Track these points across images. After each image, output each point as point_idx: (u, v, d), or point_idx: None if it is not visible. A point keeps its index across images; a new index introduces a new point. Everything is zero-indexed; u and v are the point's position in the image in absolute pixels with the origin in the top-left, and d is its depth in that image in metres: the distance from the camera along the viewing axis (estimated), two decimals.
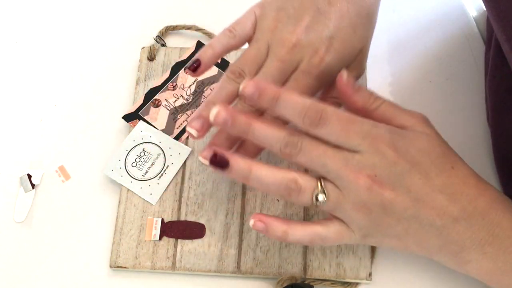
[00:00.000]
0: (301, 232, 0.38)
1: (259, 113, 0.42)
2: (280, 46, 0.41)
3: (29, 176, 0.50)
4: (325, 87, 0.44)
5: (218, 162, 0.37)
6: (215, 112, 0.36)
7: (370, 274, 0.44)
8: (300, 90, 0.41)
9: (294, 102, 0.36)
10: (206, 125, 0.40)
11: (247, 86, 0.36)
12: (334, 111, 0.36)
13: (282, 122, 0.40)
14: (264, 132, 0.36)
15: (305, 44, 0.41)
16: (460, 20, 0.56)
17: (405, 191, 0.36)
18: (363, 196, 0.36)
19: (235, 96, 0.42)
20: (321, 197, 0.36)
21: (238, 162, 0.37)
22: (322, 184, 0.36)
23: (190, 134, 0.40)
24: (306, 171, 0.38)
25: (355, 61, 0.44)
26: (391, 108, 0.39)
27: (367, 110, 0.39)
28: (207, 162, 0.37)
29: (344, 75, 0.39)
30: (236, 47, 0.43)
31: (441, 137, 0.39)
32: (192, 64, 0.42)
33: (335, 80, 0.40)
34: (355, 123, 0.36)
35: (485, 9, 0.56)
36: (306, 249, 0.45)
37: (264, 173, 0.36)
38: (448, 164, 0.37)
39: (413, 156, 0.36)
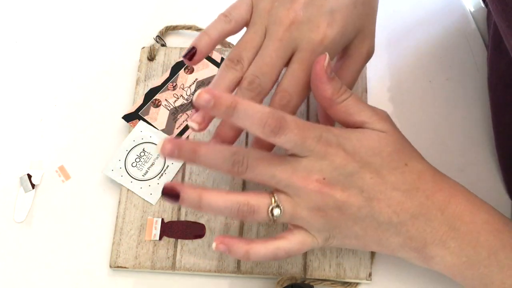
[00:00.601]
0: (263, 250, 0.37)
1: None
2: (277, 25, 0.40)
3: (29, 176, 0.49)
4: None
5: (169, 194, 0.37)
6: (161, 145, 0.35)
7: (370, 274, 0.44)
8: (305, 71, 0.40)
9: (253, 111, 0.35)
10: (208, 117, 0.39)
11: (200, 95, 0.34)
12: (292, 119, 0.36)
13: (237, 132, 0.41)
14: (210, 156, 0.36)
15: (304, 20, 0.40)
16: (461, 20, 0.56)
17: (357, 191, 0.36)
18: (316, 200, 0.36)
19: (235, 84, 0.41)
20: (276, 211, 0.36)
21: (187, 193, 0.37)
22: (276, 198, 0.37)
23: (192, 128, 0.39)
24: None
25: (356, 41, 0.42)
26: (355, 103, 0.38)
27: (333, 102, 0.38)
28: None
29: (324, 60, 0.37)
30: (232, 32, 0.42)
31: (398, 135, 0.39)
32: (188, 52, 0.41)
33: None
34: (310, 130, 0.36)
35: (483, 5, 0.56)
36: None
37: (214, 200, 0.37)
38: (401, 161, 0.37)
39: (362, 157, 0.36)
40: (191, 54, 0.41)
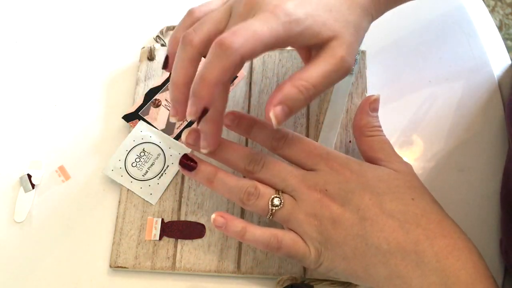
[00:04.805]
0: (259, 232, 0.39)
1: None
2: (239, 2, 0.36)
3: (29, 176, 0.50)
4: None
5: (186, 164, 0.41)
6: (186, 135, 0.41)
7: None
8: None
9: (266, 129, 0.41)
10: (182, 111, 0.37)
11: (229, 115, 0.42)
12: (297, 137, 0.41)
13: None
14: (230, 152, 0.41)
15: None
16: (460, 19, 0.56)
17: (353, 209, 0.37)
18: (314, 208, 0.38)
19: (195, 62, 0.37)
20: (276, 200, 0.39)
21: (203, 167, 0.41)
22: (280, 193, 0.39)
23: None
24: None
25: (331, 45, 0.36)
26: (381, 142, 0.41)
27: (362, 132, 0.42)
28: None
29: (376, 97, 0.42)
30: None
31: (412, 177, 0.39)
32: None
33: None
34: (316, 147, 0.40)
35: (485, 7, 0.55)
36: None
37: (228, 179, 0.40)
38: (407, 194, 0.37)
39: (368, 179, 0.38)
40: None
